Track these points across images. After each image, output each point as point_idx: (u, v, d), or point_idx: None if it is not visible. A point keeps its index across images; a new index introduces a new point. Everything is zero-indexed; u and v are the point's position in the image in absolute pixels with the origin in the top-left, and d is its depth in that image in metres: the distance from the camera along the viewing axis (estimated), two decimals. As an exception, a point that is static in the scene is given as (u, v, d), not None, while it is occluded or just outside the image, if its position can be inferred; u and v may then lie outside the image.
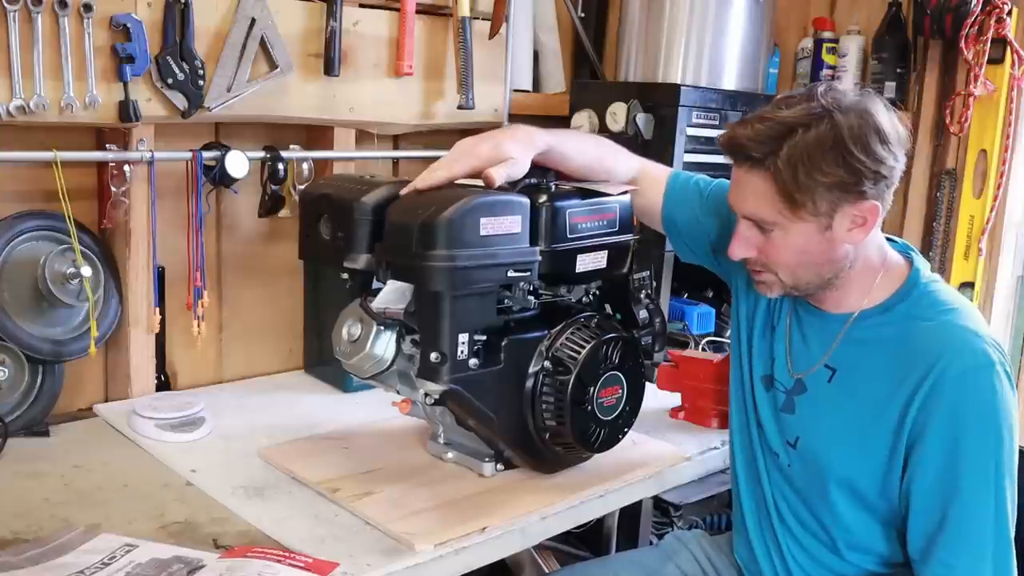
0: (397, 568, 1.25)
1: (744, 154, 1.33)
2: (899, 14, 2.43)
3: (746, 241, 1.39)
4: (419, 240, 1.32)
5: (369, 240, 1.41)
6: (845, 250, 1.35)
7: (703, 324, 2.36)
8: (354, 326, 1.40)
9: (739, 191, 1.37)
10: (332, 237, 1.44)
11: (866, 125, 1.28)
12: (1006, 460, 1.28)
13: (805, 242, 1.34)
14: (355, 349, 1.40)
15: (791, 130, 1.28)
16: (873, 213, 1.32)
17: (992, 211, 2.29)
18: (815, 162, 1.27)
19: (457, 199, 1.34)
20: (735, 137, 1.34)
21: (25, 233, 1.66)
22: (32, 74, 1.53)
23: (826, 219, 1.31)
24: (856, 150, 1.27)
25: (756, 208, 1.35)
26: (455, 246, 1.31)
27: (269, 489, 1.46)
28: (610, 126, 2.20)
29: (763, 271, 1.40)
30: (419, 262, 1.32)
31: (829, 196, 1.29)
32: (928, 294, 1.38)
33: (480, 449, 1.54)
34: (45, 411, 1.69)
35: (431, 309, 1.35)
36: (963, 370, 1.28)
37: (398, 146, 2.22)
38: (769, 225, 1.34)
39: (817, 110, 1.29)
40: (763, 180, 1.31)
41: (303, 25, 1.87)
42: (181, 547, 1.25)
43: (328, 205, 1.45)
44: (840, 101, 1.30)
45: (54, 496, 1.41)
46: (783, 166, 1.28)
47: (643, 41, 2.33)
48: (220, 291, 2.00)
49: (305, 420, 1.76)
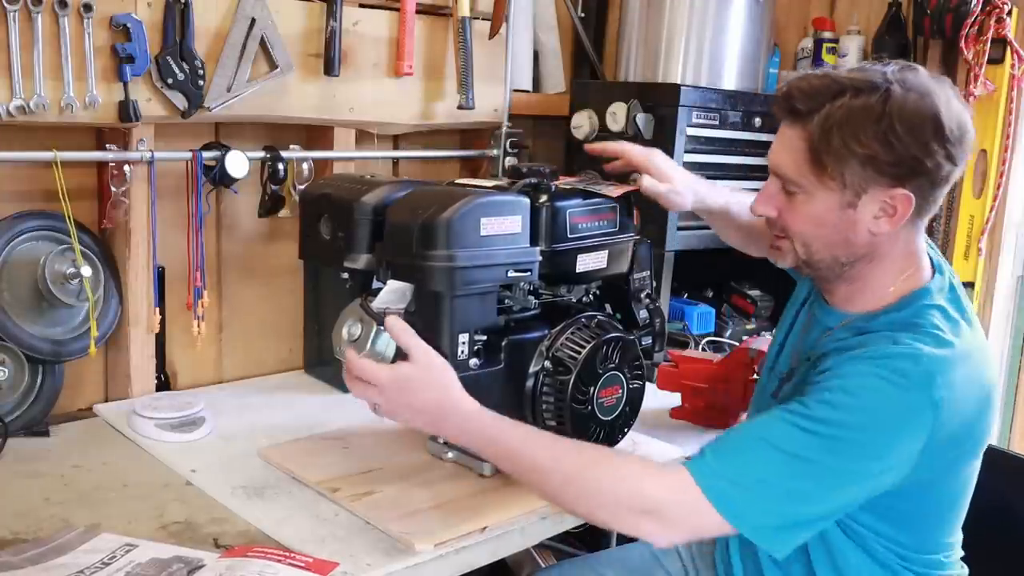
0: (397, 568, 1.25)
1: (791, 106, 1.26)
2: (899, 14, 2.43)
3: (769, 198, 1.34)
4: (420, 240, 1.32)
5: (369, 240, 1.41)
6: (867, 238, 1.27)
7: (703, 324, 2.36)
8: (354, 326, 1.40)
9: (777, 144, 1.31)
10: (332, 237, 1.44)
11: (924, 109, 1.20)
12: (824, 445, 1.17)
13: (824, 213, 1.27)
14: (355, 349, 1.40)
15: (842, 91, 1.22)
16: (905, 204, 1.23)
17: (992, 211, 2.29)
18: (853, 129, 1.20)
19: (458, 199, 1.34)
20: (789, 88, 1.27)
21: (25, 233, 1.66)
22: (32, 74, 1.53)
23: (852, 195, 1.24)
24: (901, 129, 1.19)
25: (784, 163, 1.29)
26: (455, 246, 1.32)
27: (269, 489, 1.46)
28: (610, 126, 2.20)
29: (781, 236, 1.35)
30: (420, 262, 1.32)
31: (860, 171, 1.22)
32: (924, 312, 1.27)
33: None
34: (45, 411, 1.69)
35: (432, 309, 1.35)
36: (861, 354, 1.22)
37: (398, 146, 2.22)
38: (793, 186, 1.28)
39: (878, 80, 1.21)
40: (798, 136, 1.26)
41: (303, 25, 1.86)
42: (181, 547, 1.25)
43: (328, 205, 1.45)
44: (907, 79, 1.22)
45: (54, 496, 1.41)
46: (819, 125, 1.22)
47: (643, 41, 2.34)
48: (220, 291, 2.00)
49: (305, 420, 1.76)
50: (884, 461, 1.19)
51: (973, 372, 1.25)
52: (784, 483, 1.19)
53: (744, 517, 1.19)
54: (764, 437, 1.21)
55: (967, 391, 1.23)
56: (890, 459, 1.19)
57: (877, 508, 1.27)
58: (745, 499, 1.18)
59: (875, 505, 1.26)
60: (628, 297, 1.65)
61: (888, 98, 1.20)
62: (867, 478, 1.20)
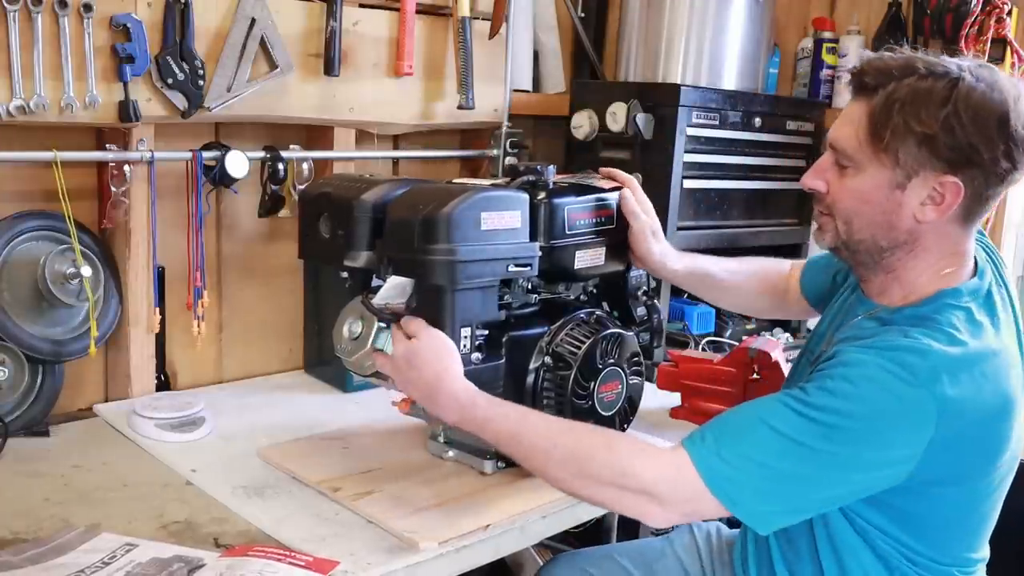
0: (398, 567, 1.25)
1: (860, 80, 1.27)
2: (899, 14, 2.43)
3: (820, 172, 1.34)
4: (421, 234, 1.33)
5: (369, 238, 1.41)
6: (910, 223, 1.26)
7: (703, 324, 2.36)
8: (355, 324, 1.40)
9: (839, 119, 1.31)
10: (332, 235, 1.44)
11: (991, 102, 1.19)
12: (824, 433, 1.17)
13: (872, 190, 1.26)
14: (356, 346, 1.40)
15: (913, 71, 1.22)
16: (954, 193, 1.22)
17: (992, 211, 2.28)
18: (916, 108, 1.20)
19: (457, 194, 1.35)
20: (862, 64, 1.27)
21: (25, 233, 1.66)
22: (32, 74, 1.53)
23: (903, 176, 1.23)
24: (965, 116, 1.18)
25: (842, 135, 1.29)
26: (456, 240, 1.32)
27: (269, 489, 1.46)
28: (610, 126, 2.20)
29: (826, 214, 1.34)
30: (421, 256, 1.33)
31: (915, 151, 1.21)
32: (946, 310, 1.25)
33: (481, 447, 1.54)
34: (45, 411, 1.69)
35: (433, 303, 1.35)
36: (869, 343, 1.21)
37: (398, 146, 2.22)
38: (846, 159, 1.28)
39: (952, 67, 1.21)
40: (861, 108, 1.26)
41: (303, 25, 1.87)
42: (181, 546, 1.25)
43: (328, 204, 1.45)
44: (981, 73, 1.22)
45: (54, 496, 1.41)
46: (883, 99, 1.22)
47: (643, 41, 2.34)
48: (220, 291, 1.99)
49: (305, 420, 1.76)
50: (882, 453, 1.18)
51: (989, 375, 1.22)
52: (782, 467, 1.18)
53: (741, 503, 1.19)
54: (764, 420, 1.20)
55: (980, 393, 1.20)
56: (889, 452, 1.18)
57: (884, 506, 1.26)
58: (742, 484, 1.18)
59: (881, 503, 1.25)
60: (625, 294, 1.65)
61: (956, 84, 1.19)
62: (864, 468, 1.19)
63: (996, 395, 1.23)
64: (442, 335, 1.34)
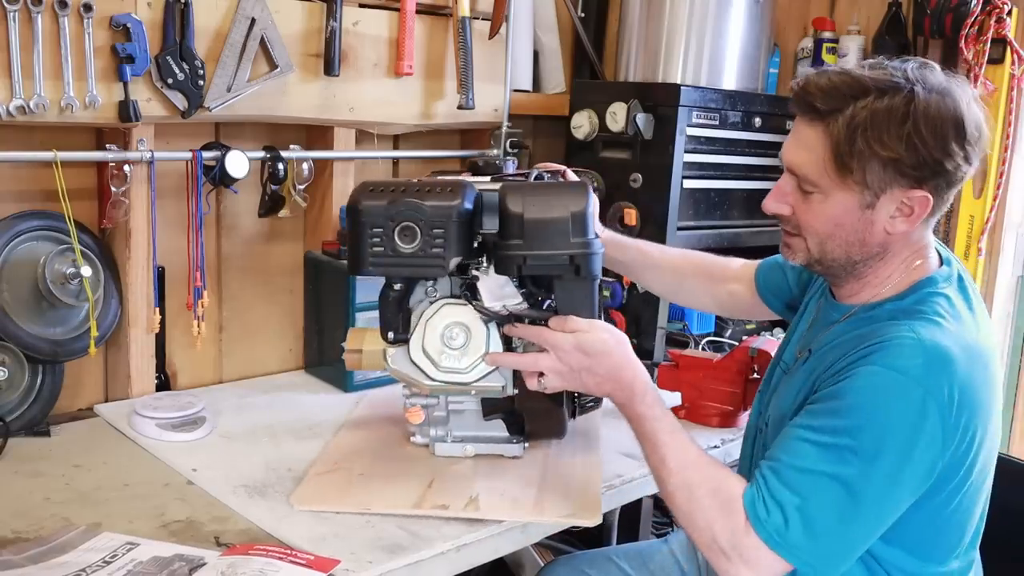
0: (398, 565, 1.25)
1: (810, 103, 1.25)
2: (899, 14, 2.43)
3: (783, 196, 1.32)
4: (575, 230, 1.37)
5: (464, 243, 1.41)
6: (882, 237, 1.27)
7: (703, 324, 2.36)
8: (455, 334, 1.41)
9: (794, 142, 1.29)
10: (423, 246, 1.39)
11: (946, 112, 1.20)
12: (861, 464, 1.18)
13: (843, 214, 1.26)
14: (465, 353, 1.41)
15: (865, 91, 1.21)
16: (923, 205, 1.23)
17: (992, 211, 2.29)
18: (878, 131, 1.19)
19: (568, 189, 1.44)
20: (807, 85, 1.26)
21: (25, 233, 1.66)
22: (32, 74, 1.53)
23: (871, 196, 1.23)
24: (926, 132, 1.19)
25: (803, 163, 1.27)
26: (594, 232, 1.40)
27: (270, 488, 1.46)
28: (610, 126, 2.20)
29: (794, 234, 1.34)
30: (577, 250, 1.37)
31: (882, 173, 1.21)
32: (929, 300, 1.27)
33: (498, 435, 1.57)
34: (45, 411, 1.69)
35: (581, 296, 1.39)
36: (876, 363, 1.20)
37: (398, 146, 2.22)
38: (811, 186, 1.27)
39: (900, 80, 1.21)
40: (819, 135, 1.24)
41: (303, 25, 1.87)
42: (182, 545, 1.25)
43: (412, 213, 1.39)
44: (928, 79, 1.21)
45: (55, 495, 1.41)
46: (844, 125, 1.21)
47: (643, 41, 2.34)
48: (220, 291, 2.00)
49: (305, 420, 1.76)
50: (908, 460, 1.18)
51: (978, 363, 1.23)
52: (856, 525, 1.20)
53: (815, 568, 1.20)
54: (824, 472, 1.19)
55: (973, 382, 1.21)
56: (915, 456, 1.18)
57: None
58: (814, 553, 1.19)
59: None
60: None
61: (912, 99, 1.19)
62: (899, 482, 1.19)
63: (985, 384, 1.24)
64: (607, 324, 1.37)
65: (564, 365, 1.34)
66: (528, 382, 1.38)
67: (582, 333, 1.34)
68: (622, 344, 1.36)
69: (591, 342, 1.33)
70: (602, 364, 1.33)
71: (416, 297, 1.48)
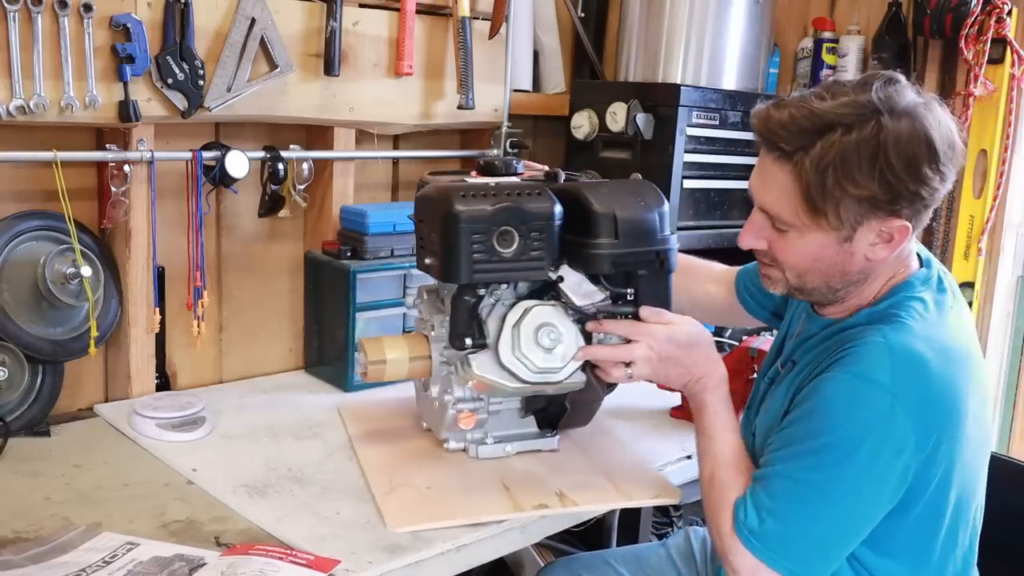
0: (398, 565, 1.25)
1: (773, 142, 1.21)
2: (899, 14, 2.44)
3: (757, 231, 1.30)
4: (663, 226, 1.43)
5: (559, 244, 1.42)
6: (862, 264, 1.24)
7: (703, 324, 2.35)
8: (547, 333, 1.41)
9: (761, 180, 1.26)
10: (523, 250, 1.39)
11: (917, 138, 1.15)
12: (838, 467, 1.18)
13: (820, 250, 1.24)
14: (557, 352, 1.41)
15: (830, 127, 1.16)
16: (902, 233, 1.21)
17: (992, 211, 2.29)
18: (848, 170, 1.15)
19: (642, 187, 1.46)
20: (768, 120, 1.22)
21: (25, 233, 1.66)
22: (32, 74, 1.53)
23: (848, 231, 1.21)
24: (898, 166, 1.15)
25: (774, 204, 1.24)
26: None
27: (270, 488, 1.46)
28: (610, 126, 2.20)
29: (772, 265, 1.32)
30: (663, 246, 1.43)
31: (856, 208, 1.18)
32: (904, 304, 1.26)
33: (530, 431, 1.58)
34: (45, 411, 1.69)
35: (661, 290, 1.44)
36: (845, 370, 1.19)
37: (398, 146, 2.22)
38: (784, 225, 1.25)
39: (865, 109, 1.16)
40: (787, 175, 1.20)
41: (303, 25, 1.87)
42: (183, 545, 1.25)
43: (513, 218, 1.38)
44: (894, 102, 1.16)
45: (55, 495, 1.41)
46: (811, 167, 1.17)
47: (643, 41, 2.34)
48: (220, 291, 2.00)
49: (305, 420, 1.76)
50: (881, 460, 1.18)
51: (954, 363, 1.22)
52: (827, 527, 1.21)
53: (795, 574, 1.21)
54: (797, 478, 1.21)
55: (950, 382, 1.21)
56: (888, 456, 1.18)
57: None
58: (789, 556, 1.21)
59: None
60: None
61: (879, 130, 1.15)
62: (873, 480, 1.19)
63: (965, 384, 1.23)
64: (693, 319, 1.41)
65: (655, 354, 1.36)
66: (613, 373, 1.39)
67: (675, 325, 1.38)
68: (708, 338, 1.40)
69: (683, 334, 1.37)
70: (690, 356, 1.37)
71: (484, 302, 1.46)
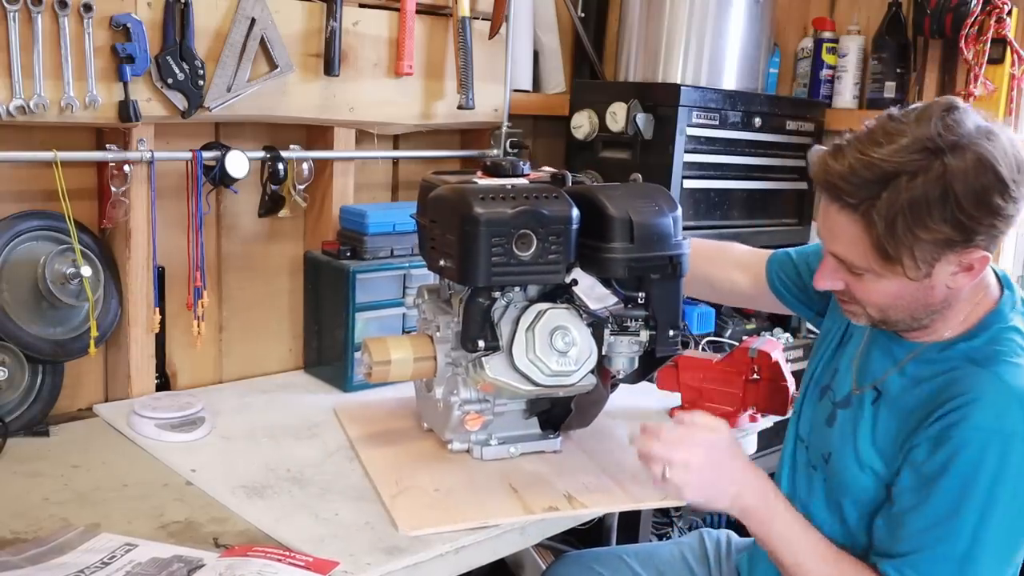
0: (397, 567, 1.25)
1: (835, 193, 1.18)
2: (899, 14, 2.44)
3: (832, 273, 1.27)
4: (676, 231, 1.44)
5: (574, 248, 1.43)
6: (944, 294, 1.21)
7: (703, 324, 2.36)
8: (561, 336, 1.41)
9: (829, 230, 1.23)
10: (541, 254, 1.39)
11: (984, 172, 1.12)
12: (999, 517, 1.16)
13: (899, 289, 1.21)
14: (571, 355, 1.41)
15: (894, 175, 1.13)
16: (982, 263, 1.18)
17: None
18: (918, 217, 1.12)
19: (656, 192, 1.48)
20: (828, 171, 1.19)
21: (25, 233, 1.66)
22: (32, 74, 1.53)
23: (926, 268, 1.17)
24: (968, 204, 1.11)
25: (845, 253, 1.22)
26: None
27: (269, 489, 1.45)
28: (610, 126, 2.20)
29: (851, 302, 1.29)
30: (676, 251, 1.44)
31: (932, 250, 1.15)
32: (1003, 338, 1.23)
33: (533, 432, 1.58)
34: (45, 411, 1.69)
35: (674, 294, 1.46)
36: (977, 427, 1.16)
37: (398, 146, 2.22)
38: (858, 269, 1.22)
39: (927, 151, 1.12)
40: (855, 226, 1.17)
41: (303, 25, 1.87)
42: (181, 546, 1.25)
43: (532, 221, 1.38)
44: (957, 137, 1.13)
45: (54, 496, 1.41)
46: (879, 219, 1.14)
47: (643, 41, 2.34)
48: (220, 291, 2.00)
49: (305, 420, 1.76)
50: None
51: None
52: None
53: None
54: (946, 555, 1.18)
55: None
56: None
57: None
58: None
59: None
60: None
61: (945, 172, 1.12)
62: None
63: None
64: None
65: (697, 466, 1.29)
66: None
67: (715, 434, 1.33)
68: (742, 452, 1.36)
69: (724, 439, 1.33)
70: (724, 470, 1.31)
71: (495, 305, 1.45)
